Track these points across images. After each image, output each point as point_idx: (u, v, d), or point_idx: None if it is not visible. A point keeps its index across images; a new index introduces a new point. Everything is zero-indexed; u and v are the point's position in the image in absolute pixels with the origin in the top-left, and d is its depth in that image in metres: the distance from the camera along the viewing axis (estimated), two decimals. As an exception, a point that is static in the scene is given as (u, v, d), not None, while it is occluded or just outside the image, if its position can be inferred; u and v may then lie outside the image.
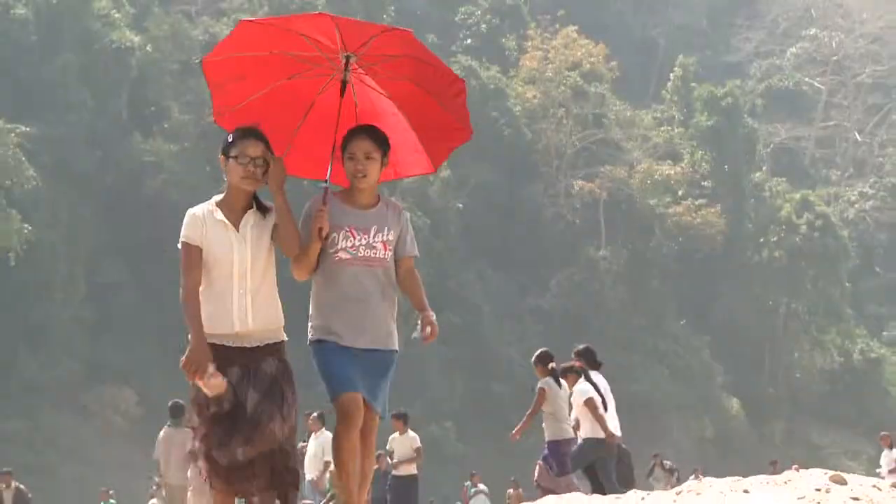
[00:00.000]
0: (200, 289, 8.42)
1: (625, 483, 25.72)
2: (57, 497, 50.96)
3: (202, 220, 8.43)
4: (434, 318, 9.08)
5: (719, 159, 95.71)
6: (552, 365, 20.32)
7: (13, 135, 68.31)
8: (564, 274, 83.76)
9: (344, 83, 9.14)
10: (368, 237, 8.83)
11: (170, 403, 25.58)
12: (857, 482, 11.08)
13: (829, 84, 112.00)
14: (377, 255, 8.88)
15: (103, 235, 73.21)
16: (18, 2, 75.36)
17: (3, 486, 33.99)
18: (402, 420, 24.08)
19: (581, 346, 21.78)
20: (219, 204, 8.51)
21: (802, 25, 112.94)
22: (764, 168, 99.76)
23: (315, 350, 8.87)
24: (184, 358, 8.15)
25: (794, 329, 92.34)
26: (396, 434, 25.11)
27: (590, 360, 20.76)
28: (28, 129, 69.47)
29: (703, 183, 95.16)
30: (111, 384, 68.90)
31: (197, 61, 79.95)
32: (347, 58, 9.03)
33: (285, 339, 8.66)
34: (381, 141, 8.96)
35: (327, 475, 22.18)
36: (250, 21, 9.63)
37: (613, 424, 21.16)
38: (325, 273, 8.86)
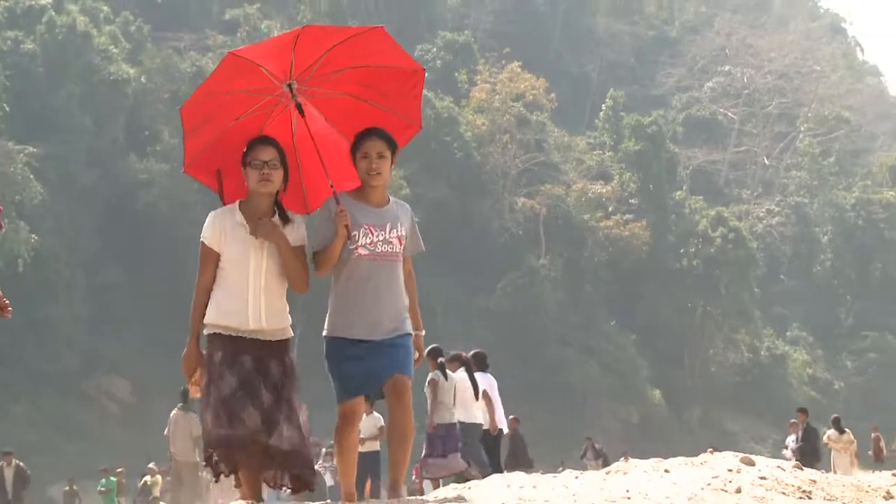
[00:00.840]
0: (220, 284, 8.45)
1: (523, 462, 25.81)
2: (58, 473, 50.83)
3: (221, 221, 8.45)
4: (422, 337, 9.17)
5: (645, 180, 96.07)
6: (441, 359, 20.31)
7: (22, 155, 68.62)
8: (509, 279, 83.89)
9: (299, 105, 8.98)
10: (385, 233, 8.72)
11: (181, 388, 25.57)
12: (764, 463, 11.25)
13: (741, 114, 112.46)
14: (393, 250, 8.79)
15: (101, 243, 73.40)
16: (28, 38, 75.59)
17: (5, 463, 33.84)
18: (370, 402, 24.41)
19: (475, 351, 22.00)
20: (242, 207, 8.48)
21: (717, 63, 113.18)
22: (684, 188, 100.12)
23: (328, 345, 8.82)
24: (183, 356, 8.30)
25: (710, 328, 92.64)
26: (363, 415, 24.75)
27: (480, 362, 20.95)
28: (35, 149, 69.64)
29: (630, 200, 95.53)
30: (107, 374, 69.42)
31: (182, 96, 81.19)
32: (290, 86, 8.93)
33: (291, 335, 8.68)
34: (391, 141, 8.89)
35: None
36: (235, 53, 9.25)
37: (498, 416, 21.91)
38: (345, 269, 8.74)
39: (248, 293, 8.30)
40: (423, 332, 9.25)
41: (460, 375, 20.85)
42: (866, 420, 60.58)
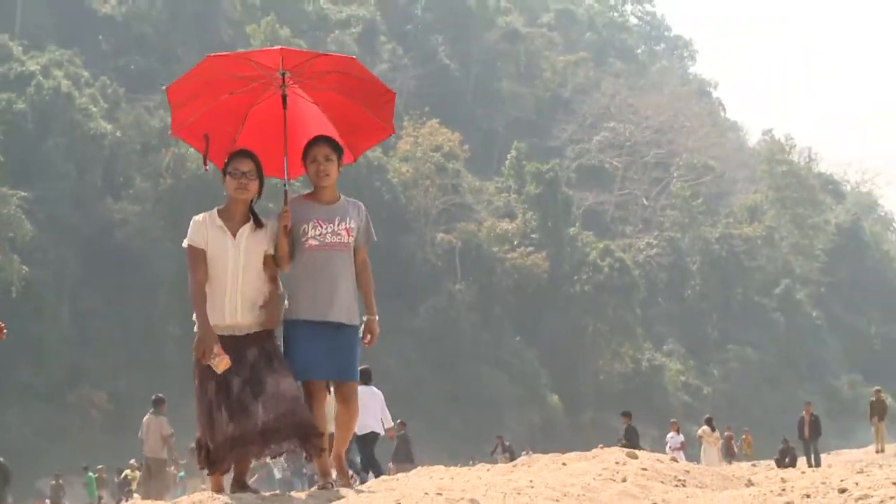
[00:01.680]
0: (208, 285, 8.24)
1: (407, 459, 25.64)
2: (46, 470, 51.04)
3: (204, 225, 8.26)
4: (377, 322, 8.96)
5: (544, 218, 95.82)
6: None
7: (15, 198, 68.43)
8: (430, 302, 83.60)
9: (284, 97, 8.85)
10: (334, 226, 8.56)
11: (153, 397, 25.76)
12: (646, 457, 11.86)
13: (624, 162, 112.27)
14: (342, 241, 8.59)
15: (83, 273, 72.75)
16: (19, 98, 75.14)
17: None
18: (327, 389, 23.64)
19: (361, 367, 22.07)
20: (220, 213, 8.31)
21: (604, 119, 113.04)
22: (576, 224, 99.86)
23: (286, 327, 8.64)
24: (195, 342, 8.06)
25: (599, 343, 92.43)
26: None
27: (364, 377, 20.71)
28: (26, 193, 69.28)
29: (531, 235, 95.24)
30: (88, 386, 68.29)
31: (154, 142, 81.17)
32: (283, 74, 8.81)
33: (272, 327, 8.43)
34: (336, 146, 8.78)
35: None
36: (213, 55, 9.17)
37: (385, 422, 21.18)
38: (299, 258, 8.55)
39: (226, 290, 8.12)
40: (377, 317, 8.97)
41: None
42: (730, 420, 61.07)
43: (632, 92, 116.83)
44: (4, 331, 8.78)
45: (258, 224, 8.37)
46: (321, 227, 8.54)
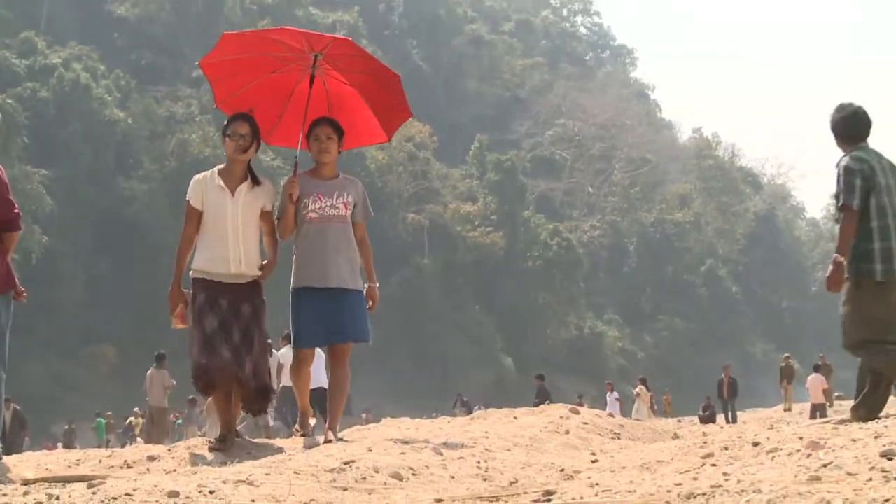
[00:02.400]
0: (203, 236, 8.09)
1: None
2: (60, 416, 50.81)
3: (203, 184, 8.11)
4: (377, 289, 8.77)
5: (502, 202, 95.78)
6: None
7: (37, 175, 68.43)
8: (401, 274, 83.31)
9: (312, 76, 8.68)
10: (332, 200, 8.39)
11: (155, 353, 25.67)
12: (586, 412, 12.28)
13: (572, 154, 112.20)
14: (339, 213, 8.42)
15: (96, 243, 72.60)
16: (42, 88, 75.36)
17: (5, 408, 32.25)
18: (287, 339, 23.01)
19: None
20: (220, 173, 8.15)
21: (556, 117, 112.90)
22: (530, 208, 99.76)
23: (294, 297, 8.46)
24: (169, 292, 8.03)
25: (547, 312, 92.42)
26: (283, 349, 22.34)
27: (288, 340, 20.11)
28: (47, 172, 69.34)
29: (491, 217, 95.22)
30: (99, 343, 68.33)
31: (160, 130, 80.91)
32: (315, 56, 8.63)
33: (259, 281, 8.25)
34: (337, 127, 8.58)
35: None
36: (232, 33, 9.03)
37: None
38: (301, 230, 8.41)
39: (228, 243, 7.96)
40: (378, 284, 8.75)
41: (285, 351, 19.63)
42: (660, 381, 61.25)
43: (580, 93, 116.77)
44: (25, 294, 8.47)
45: (255, 182, 8.20)
46: (321, 200, 8.39)
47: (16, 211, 7.96)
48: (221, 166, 8.24)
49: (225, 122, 8.19)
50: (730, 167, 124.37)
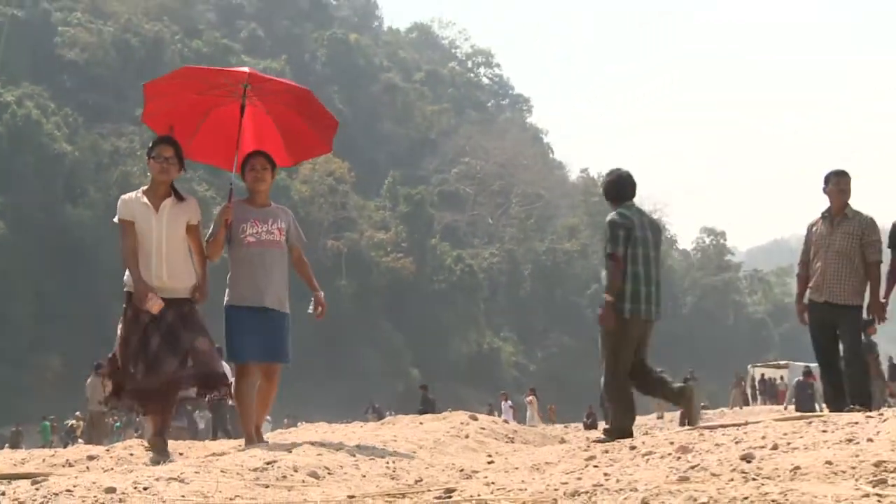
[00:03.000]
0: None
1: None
2: (8, 420, 49.26)
3: (130, 202, 7.68)
4: (323, 296, 8.64)
5: (411, 231, 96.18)
6: None
7: (-8, 203, 67.07)
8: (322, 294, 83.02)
9: (243, 106, 8.37)
10: (267, 226, 8.13)
11: (94, 363, 25.24)
12: (484, 419, 12.14)
13: (475, 190, 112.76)
14: (275, 239, 8.16)
15: (45, 264, 71.36)
16: (-3, 123, 73.96)
17: None
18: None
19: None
20: (145, 192, 7.73)
21: (461, 156, 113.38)
22: (437, 237, 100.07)
23: (227, 313, 8.16)
24: (136, 292, 7.47)
25: (451, 330, 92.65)
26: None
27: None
28: (2, 199, 67.74)
29: (402, 244, 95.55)
30: (46, 354, 67.16)
31: (106, 161, 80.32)
32: (245, 86, 8.39)
33: (190, 297, 7.77)
34: (270, 159, 8.31)
35: None
36: (190, 66, 8.86)
37: None
38: (239, 253, 8.12)
39: (152, 258, 7.52)
40: (322, 293, 8.61)
41: None
42: (549, 391, 61.67)
43: (482, 136, 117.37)
44: None
45: (179, 198, 7.80)
46: (258, 226, 8.12)
47: None
48: (146, 187, 7.87)
49: (150, 145, 7.84)
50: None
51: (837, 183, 10.48)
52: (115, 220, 7.75)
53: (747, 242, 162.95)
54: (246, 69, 8.75)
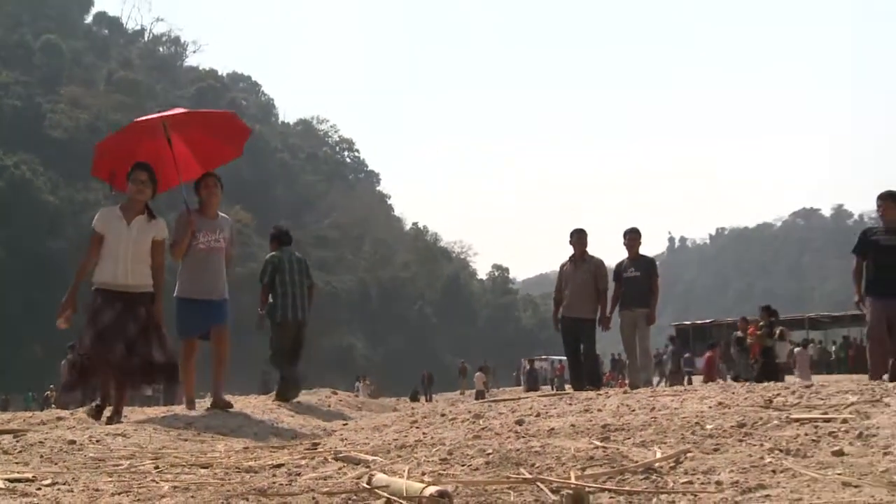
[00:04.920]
0: (103, 256, 6.89)
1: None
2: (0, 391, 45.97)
3: (107, 216, 6.99)
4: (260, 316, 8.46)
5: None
6: None
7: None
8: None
9: (169, 140, 7.68)
10: (215, 235, 7.62)
11: (67, 345, 23.89)
12: (342, 394, 11.57)
13: (340, 235, 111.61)
14: (220, 245, 7.66)
15: (33, 280, 68.64)
16: (-2, 180, 70.90)
17: None
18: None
19: None
20: (122, 208, 7.01)
21: (331, 212, 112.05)
22: (312, 267, 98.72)
23: (178, 302, 7.64)
24: (66, 297, 6.83)
25: (321, 331, 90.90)
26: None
27: None
28: (2, 233, 64.49)
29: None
30: (32, 344, 63.26)
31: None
32: (164, 124, 7.72)
33: (152, 291, 6.97)
34: (220, 179, 7.78)
35: None
36: (136, 121, 8.41)
37: None
38: (191, 257, 7.55)
39: (119, 262, 6.78)
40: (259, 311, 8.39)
41: None
42: (387, 375, 61.07)
43: (345, 199, 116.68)
44: None
45: (151, 217, 7.04)
46: (208, 235, 7.60)
47: None
48: (123, 203, 7.12)
49: (129, 170, 7.05)
50: (434, 247, 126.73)
51: (579, 238, 10.99)
52: (93, 225, 6.99)
53: (523, 275, 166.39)
54: (155, 115, 8.13)
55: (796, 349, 18.49)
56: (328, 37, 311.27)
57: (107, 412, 7.13)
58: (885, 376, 8.12)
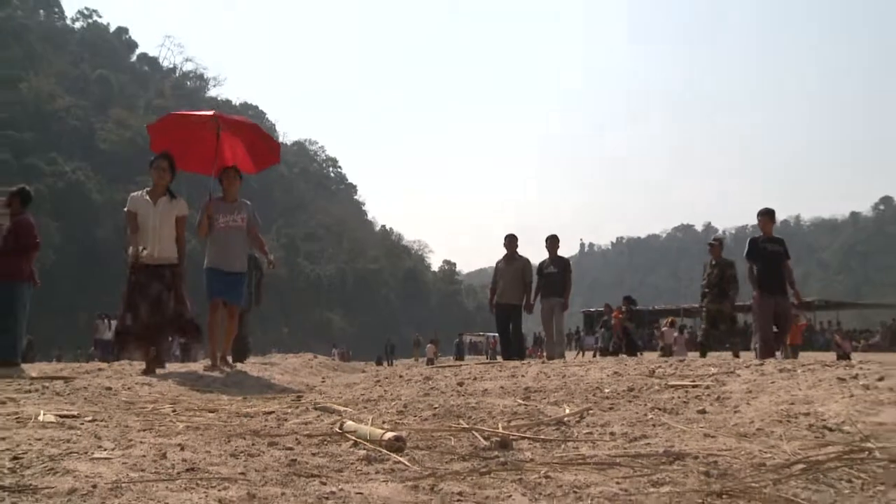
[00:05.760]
0: (137, 233, 6.42)
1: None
2: (54, 347, 42.89)
3: (135, 198, 6.62)
4: (272, 258, 7.47)
5: (288, 253, 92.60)
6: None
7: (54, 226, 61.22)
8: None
9: (218, 134, 7.30)
10: (234, 216, 7.09)
11: (97, 314, 23.12)
12: (322, 357, 10.98)
13: (324, 233, 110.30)
14: (238, 225, 7.12)
15: (84, 266, 65.57)
16: (59, 182, 69.61)
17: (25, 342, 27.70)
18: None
19: None
20: (148, 191, 6.61)
21: (317, 214, 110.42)
22: (301, 257, 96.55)
23: (206, 272, 7.07)
24: (129, 256, 6.30)
25: (307, 308, 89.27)
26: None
27: None
28: (57, 224, 61.24)
29: (282, 261, 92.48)
30: (79, 311, 59.18)
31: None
32: (216, 121, 7.30)
33: (176, 262, 6.55)
34: (239, 172, 7.31)
35: None
36: (174, 114, 7.70)
37: None
38: (215, 234, 7.08)
39: (149, 237, 6.39)
40: (272, 255, 7.49)
41: None
42: (359, 345, 60.36)
43: (329, 204, 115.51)
44: (38, 283, 7.51)
45: (172, 197, 6.66)
46: (227, 216, 7.09)
47: (37, 241, 7.69)
48: (149, 188, 6.71)
49: (151, 159, 6.73)
50: (397, 244, 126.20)
51: (510, 241, 11.05)
52: (125, 209, 6.64)
53: (467, 268, 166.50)
54: (210, 112, 7.64)
55: (675, 333, 18.77)
56: (321, 73, 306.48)
57: (140, 366, 6.86)
58: (779, 353, 8.10)
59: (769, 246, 8.44)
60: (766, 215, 8.67)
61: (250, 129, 7.77)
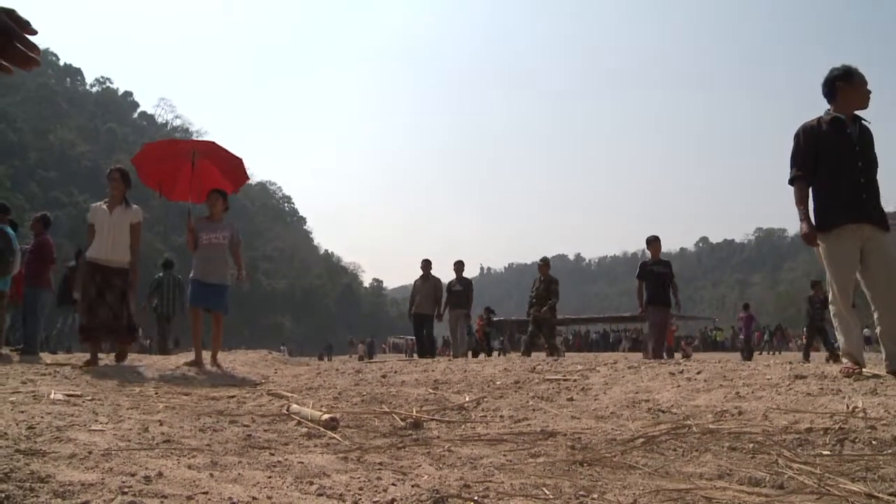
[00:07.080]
0: (94, 239, 5.74)
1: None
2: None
3: (96, 208, 5.96)
4: (245, 274, 6.64)
5: (250, 271, 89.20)
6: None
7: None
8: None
9: (193, 163, 6.66)
10: (217, 234, 6.39)
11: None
12: (275, 353, 9.91)
13: (279, 255, 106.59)
14: (221, 242, 6.38)
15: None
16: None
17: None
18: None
19: None
20: (106, 201, 5.90)
21: (274, 240, 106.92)
22: (259, 273, 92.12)
23: (190, 282, 6.35)
24: (88, 263, 5.78)
25: (263, 314, 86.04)
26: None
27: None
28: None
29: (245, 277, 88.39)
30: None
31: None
32: (193, 153, 6.73)
33: (127, 266, 5.86)
34: (224, 195, 6.61)
35: None
36: (149, 143, 6.88)
37: None
38: (199, 249, 6.37)
39: (104, 239, 5.74)
40: (245, 271, 6.64)
41: None
42: (306, 344, 58.53)
43: (285, 232, 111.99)
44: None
45: (128, 205, 5.92)
46: (210, 234, 6.44)
47: (54, 257, 7.45)
48: (108, 199, 6.00)
49: (107, 172, 6.04)
50: (337, 265, 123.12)
51: (426, 264, 10.98)
52: (87, 216, 6.05)
53: (392, 284, 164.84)
54: (186, 141, 7.25)
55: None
56: (281, 125, 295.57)
57: (108, 360, 6.23)
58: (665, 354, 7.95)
59: (655, 268, 8.03)
60: (654, 242, 8.18)
61: (218, 150, 7.19)
